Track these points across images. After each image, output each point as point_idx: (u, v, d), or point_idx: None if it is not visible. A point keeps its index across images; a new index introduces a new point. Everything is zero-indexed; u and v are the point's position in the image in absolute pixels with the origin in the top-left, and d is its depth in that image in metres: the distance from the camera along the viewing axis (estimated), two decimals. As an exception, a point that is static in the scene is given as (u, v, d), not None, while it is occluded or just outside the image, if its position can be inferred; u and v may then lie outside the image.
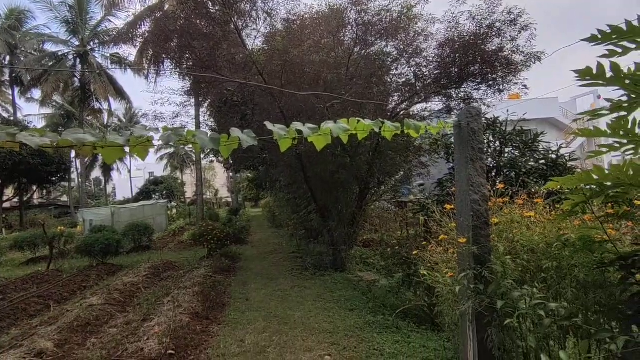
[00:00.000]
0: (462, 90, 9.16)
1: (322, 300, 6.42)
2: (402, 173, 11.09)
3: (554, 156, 6.87)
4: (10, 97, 33.92)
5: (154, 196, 42.66)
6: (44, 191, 45.09)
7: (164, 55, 9.91)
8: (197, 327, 5.20)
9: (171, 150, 56.27)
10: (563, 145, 9.42)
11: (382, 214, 12.85)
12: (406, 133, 2.78)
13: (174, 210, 29.55)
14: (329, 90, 7.95)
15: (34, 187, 33.72)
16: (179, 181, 53.48)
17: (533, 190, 3.44)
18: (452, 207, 3.42)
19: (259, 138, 2.52)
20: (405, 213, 11.21)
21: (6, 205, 32.20)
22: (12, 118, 32.95)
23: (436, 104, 10.01)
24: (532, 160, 6.99)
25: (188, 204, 43.98)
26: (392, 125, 2.53)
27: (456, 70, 8.48)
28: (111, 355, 4.39)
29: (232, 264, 9.62)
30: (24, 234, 14.76)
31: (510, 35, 8.06)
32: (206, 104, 15.71)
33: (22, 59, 31.96)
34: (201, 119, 17.96)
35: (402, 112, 9.30)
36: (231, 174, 42.42)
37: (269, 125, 2.40)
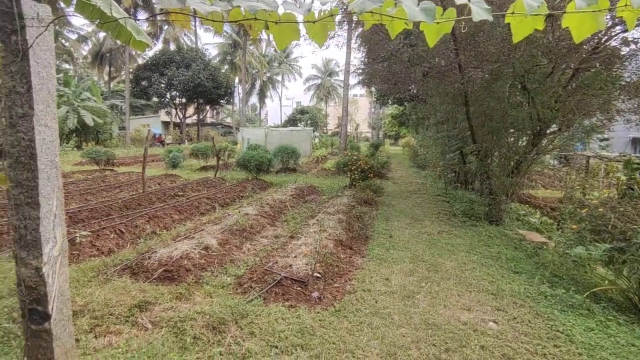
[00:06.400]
0: None
1: (476, 253, 5.56)
2: (594, 119, 8.59)
3: None
4: (193, 28, 39.06)
5: (299, 124, 45.60)
6: (214, 112, 52.82)
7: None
8: (342, 256, 5.03)
9: (318, 81, 58.29)
10: None
11: (546, 169, 10.58)
12: None
13: (317, 140, 30.98)
14: None
15: (207, 107, 39.62)
16: (323, 112, 55.68)
17: None
18: None
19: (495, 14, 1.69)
20: (593, 170, 8.91)
21: (188, 121, 39.03)
22: (193, 45, 38.22)
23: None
24: None
25: (330, 134, 45.81)
26: None
27: None
28: (264, 263, 4.54)
29: (375, 197, 9.30)
30: (199, 145, 17.37)
31: None
32: (359, 30, 14.79)
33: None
34: (352, 43, 17.32)
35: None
36: (373, 109, 41.82)
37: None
